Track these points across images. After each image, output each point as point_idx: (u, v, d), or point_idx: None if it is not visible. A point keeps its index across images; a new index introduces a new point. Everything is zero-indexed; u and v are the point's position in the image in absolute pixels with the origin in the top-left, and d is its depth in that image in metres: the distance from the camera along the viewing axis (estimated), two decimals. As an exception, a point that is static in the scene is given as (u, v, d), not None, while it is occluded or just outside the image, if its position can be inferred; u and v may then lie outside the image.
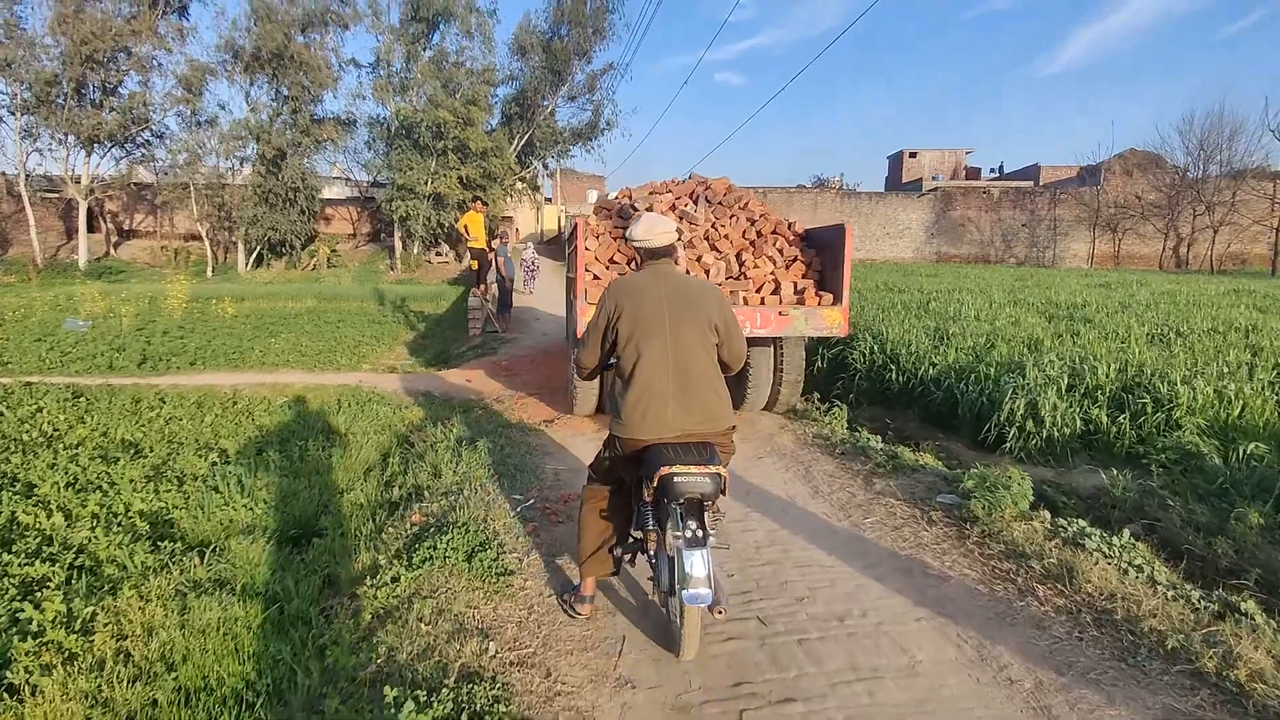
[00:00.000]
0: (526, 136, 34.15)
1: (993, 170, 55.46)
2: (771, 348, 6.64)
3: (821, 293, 6.21)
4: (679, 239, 3.57)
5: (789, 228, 6.74)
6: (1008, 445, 5.73)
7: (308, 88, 31.37)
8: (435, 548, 3.33)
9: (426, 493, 4.27)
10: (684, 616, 2.69)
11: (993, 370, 6.66)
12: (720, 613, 2.73)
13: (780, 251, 6.49)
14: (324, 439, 6.15)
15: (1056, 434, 5.60)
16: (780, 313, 5.92)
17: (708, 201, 7.02)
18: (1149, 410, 5.53)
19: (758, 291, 6.20)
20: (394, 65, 32.27)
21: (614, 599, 3.25)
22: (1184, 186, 36.71)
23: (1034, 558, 3.33)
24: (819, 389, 8.42)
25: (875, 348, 8.16)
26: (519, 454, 5.18)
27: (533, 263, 20.95)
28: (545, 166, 37.68)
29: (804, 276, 6.37)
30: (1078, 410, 5.69)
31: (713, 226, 6.64)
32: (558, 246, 29.77)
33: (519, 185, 35.08)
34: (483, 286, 12.72)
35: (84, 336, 12.46)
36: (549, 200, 42.50)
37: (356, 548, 3.65)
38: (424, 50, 32.13)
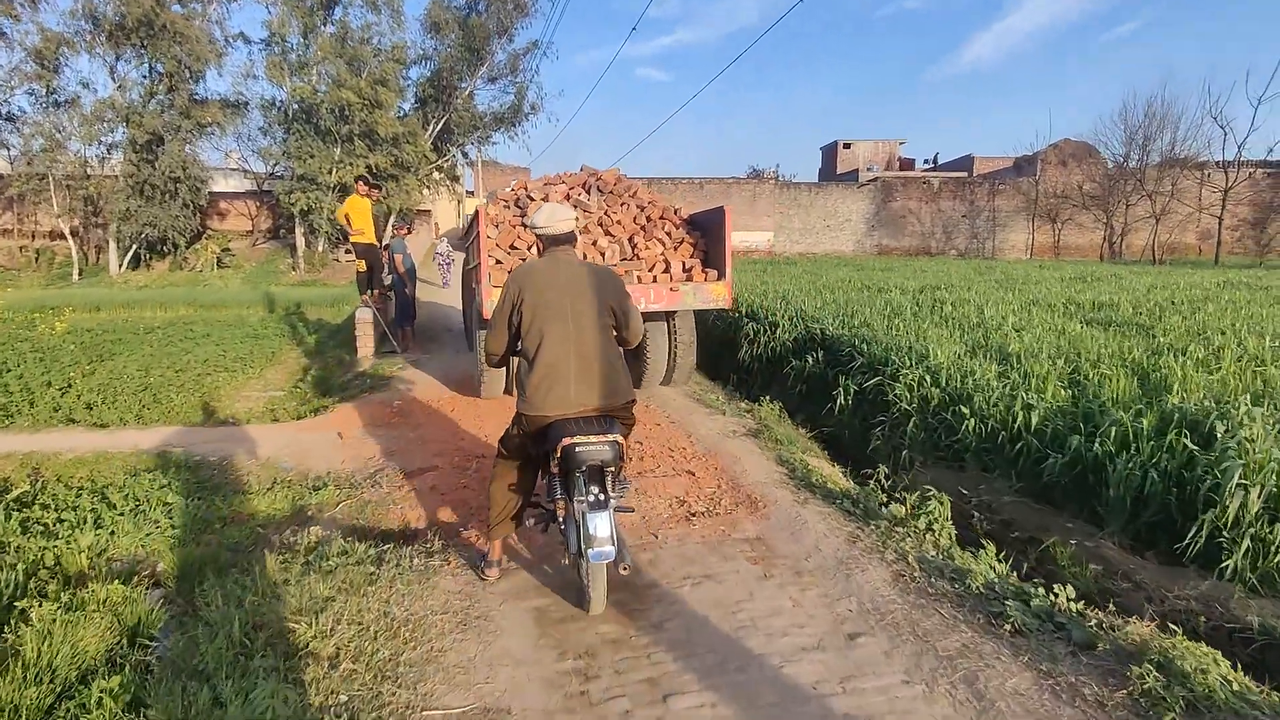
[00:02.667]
0: (443, 121, 30.89)
1: (927, 161, 54.90)
2: (665, 323, 7.02)
3: (707, 269, 6.74)
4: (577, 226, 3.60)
5: (675, 213, 7.18)
6: (1231, 564, 3.38)
7: (186, 63, 27.29)
8: None
9: None
10: (591, 574, 2.89)
11: (1145, 423, 4.32)
12: (625, 569, 2.90)
13: (669, 234, 6.93)
14: (27, 600, 3.32)
15: (1323, 547, 3.29)
16: (672, 289, 6.41)
17: (599, 191, 7.37)
18: None
19: (650, 271, 6.66)
20: (290, 41, 28.47)
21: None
22: (1121, 176, 36.30)
23: None
24: (849, 437, 6.00)
25: (926, 379, 5.76)
26: (379, 659, 2.51)
27: (447, 256, 18.66)
28: (465, 155, 34.44)
29: (691, 256, 6.84)
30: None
31: (605, 213, 7.01)
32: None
33: (436, 175, 31.76)
34: (374, 292, 9.81)
35: None
36: (470, 193, 39.22)
37: None
38: (324, 25, 28.48)
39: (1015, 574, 3.28)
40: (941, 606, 2.90)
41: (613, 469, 2.88)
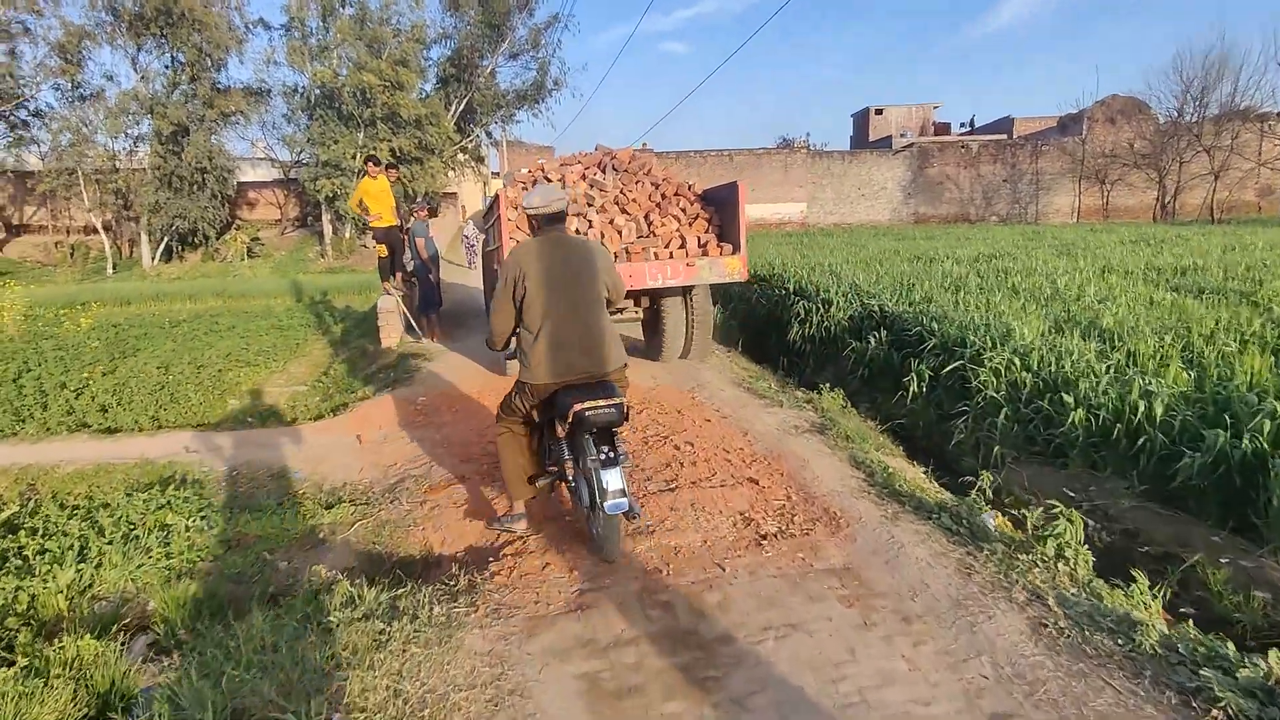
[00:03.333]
0: (466, 101, 30.23)
1: (963, 124, 52.90)
2: (682, 298, 7.07)
3: (722, 244, 6.71)
4: (589, 204, 4.30)
5: (689, 189, 7.22)
6: None
7: (207, 52, 27.02)
8: None
9: None
10: (606, 525, 3.09)
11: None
12: (634, 518, 3.11)
13: (683, 210, 6.96)
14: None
15: None
16: (688, 264, 6.41)
17: (615, 170, 7.42)
18: None
19: (666, 246, 6.62)
20: (309, 24, 27.99)
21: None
22: (1176, 132, 34.33)
23: None
24: (923, 429, 5.32)
25: (1016, 363, 5.03)
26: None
27: (473, 238, 18.35)
28: (489, 135, 33.77)
29: (706, 231, 6.83)
30: None
31: (621, 192, 7.07)
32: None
33: (460, 157, 31.20)
34: (397, 276, 9.25)
35: None
36: (496, 174, 38.62)
37: None
38: (343, 7, 27.93)
39: (1189, 621, 2.59)
40: (1110, 675, 2.24)
41: (619, 428, 3.14)
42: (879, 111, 54.09)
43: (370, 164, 9.13)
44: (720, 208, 6.93)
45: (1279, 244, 13.40)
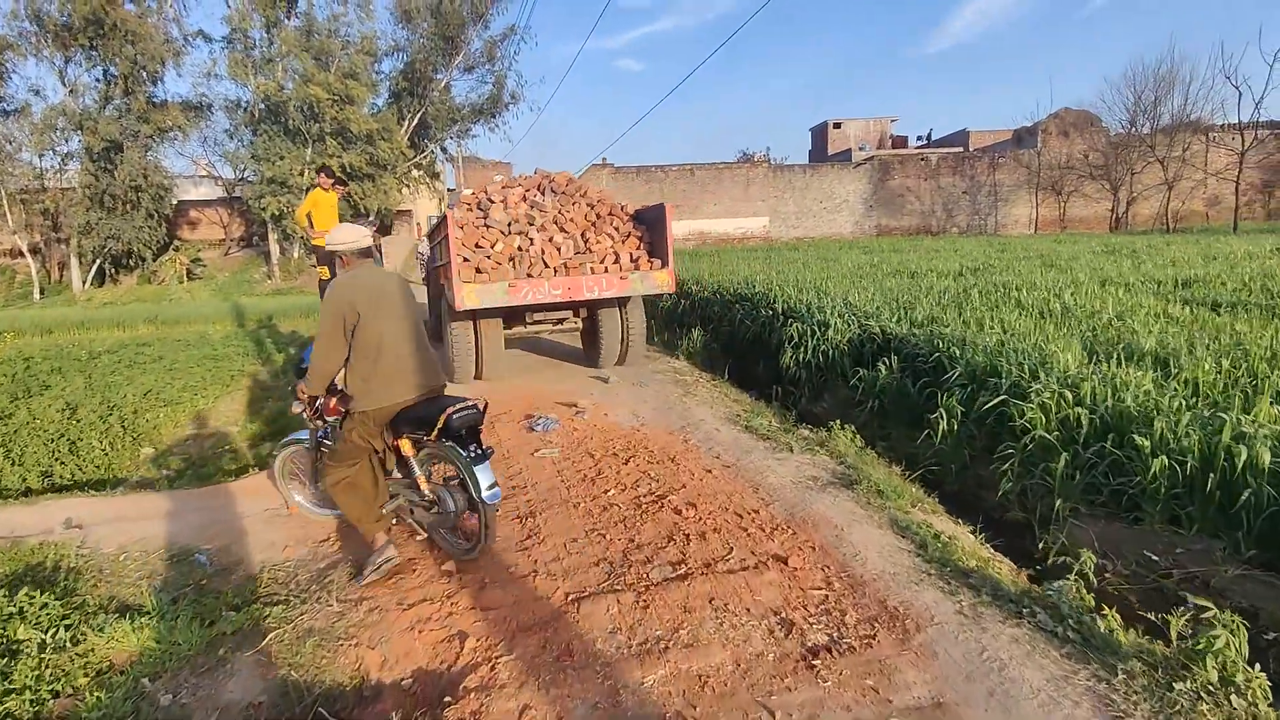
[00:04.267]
0: (419, 115, 29.22)
1: (920, 138, 53.39)
2: (618, 309, 7.65)
3: (652, 259, 7.30)
4: (530, 224, 5.28)
5: (622, 209, 7.67)
6: None
7: (141, 64, 25.53)
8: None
9: None
10: (485, 516, 3.29)
11: None
12: (496, 509, 3.35)
13: (617, 229, 7.46)
14: None
15: None
16: (621, 277, 7.03)
17: (553, 192, 7.78)
18: None
19: (601, 262, 7.17)
20: (252, 35, 26.74)
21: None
22: (1129, 144, 34.88)
23: None
24: (955, 473, 4.56)
25: (1067, 397, 4.30)
26: None
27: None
28: (444, 151, 32.73)
29: (638, 248, 7.35)
30: None
31: (560, 212, 7.48)
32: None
33: (415, 173, 30.11)
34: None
35: None
36: (451, 190, 37.54)
37: None
38: (288, 18, 26.75)
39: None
40: None
41: (480, 427, 3.34)
42: (837, 125, 54.32)
43: (323, 175, 8.26)
44: (650, 226, 7.44)
45: (1258, 253, 13.16)
